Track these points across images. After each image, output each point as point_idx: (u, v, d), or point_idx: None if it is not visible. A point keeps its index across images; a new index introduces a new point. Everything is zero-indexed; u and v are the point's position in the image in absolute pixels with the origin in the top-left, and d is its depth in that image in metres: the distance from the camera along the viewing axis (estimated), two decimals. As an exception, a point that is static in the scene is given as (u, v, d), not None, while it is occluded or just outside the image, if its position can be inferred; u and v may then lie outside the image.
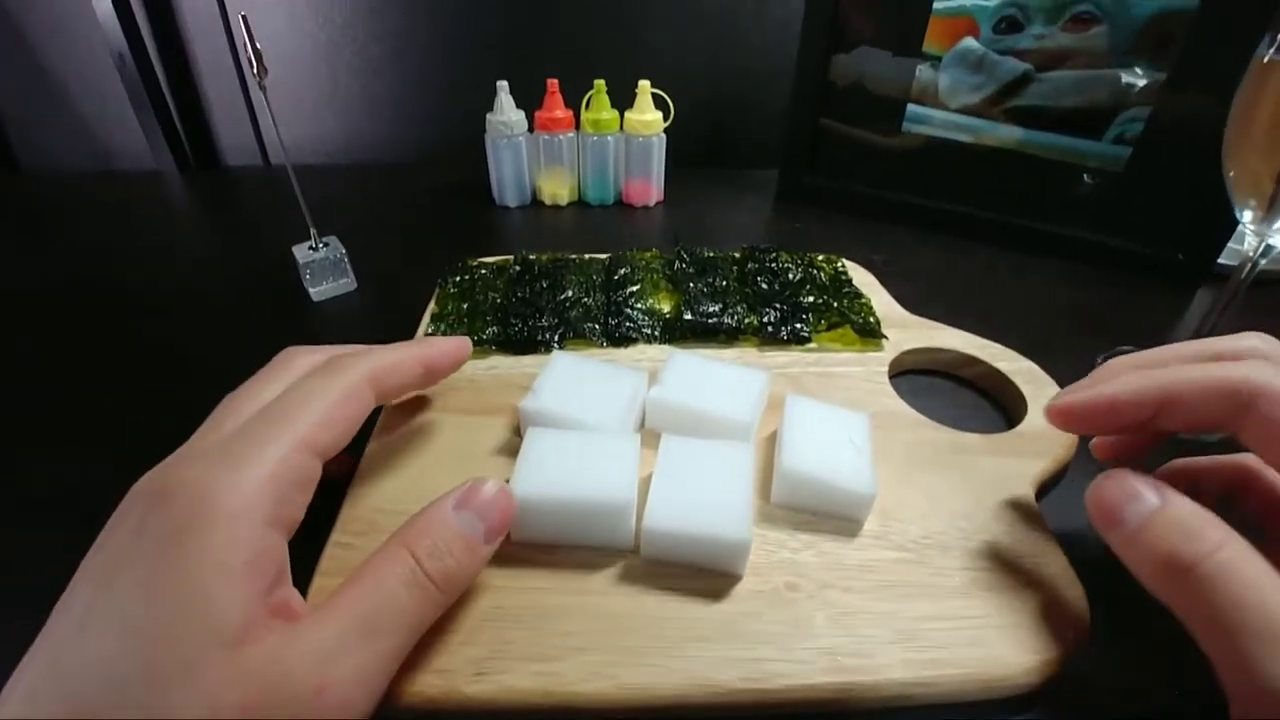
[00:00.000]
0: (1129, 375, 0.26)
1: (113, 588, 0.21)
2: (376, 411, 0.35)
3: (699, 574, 0.29)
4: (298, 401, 0.27)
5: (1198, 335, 0.44)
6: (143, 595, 0.20)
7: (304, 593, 0.29)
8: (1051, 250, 0.61)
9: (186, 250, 0.65)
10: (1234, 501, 0.26)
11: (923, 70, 0.61)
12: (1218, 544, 0.21)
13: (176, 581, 0.20)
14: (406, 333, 0.46)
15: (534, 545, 0.31)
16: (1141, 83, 0.54)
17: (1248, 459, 0.25)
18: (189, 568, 0.21)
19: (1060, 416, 0.27)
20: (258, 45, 0.44)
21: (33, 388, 0.44)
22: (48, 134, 0.85)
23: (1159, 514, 0.23)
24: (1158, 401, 0.25)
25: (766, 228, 0.66)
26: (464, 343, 0.35)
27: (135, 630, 0.20)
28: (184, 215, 0.74)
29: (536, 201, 0.69)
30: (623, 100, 0.64)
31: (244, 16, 0.43)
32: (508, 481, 0.29)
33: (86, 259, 0.61)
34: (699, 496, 0.29)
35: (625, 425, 0.35)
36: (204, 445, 0.25)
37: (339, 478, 0.33)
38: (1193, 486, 0.25)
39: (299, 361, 0.30)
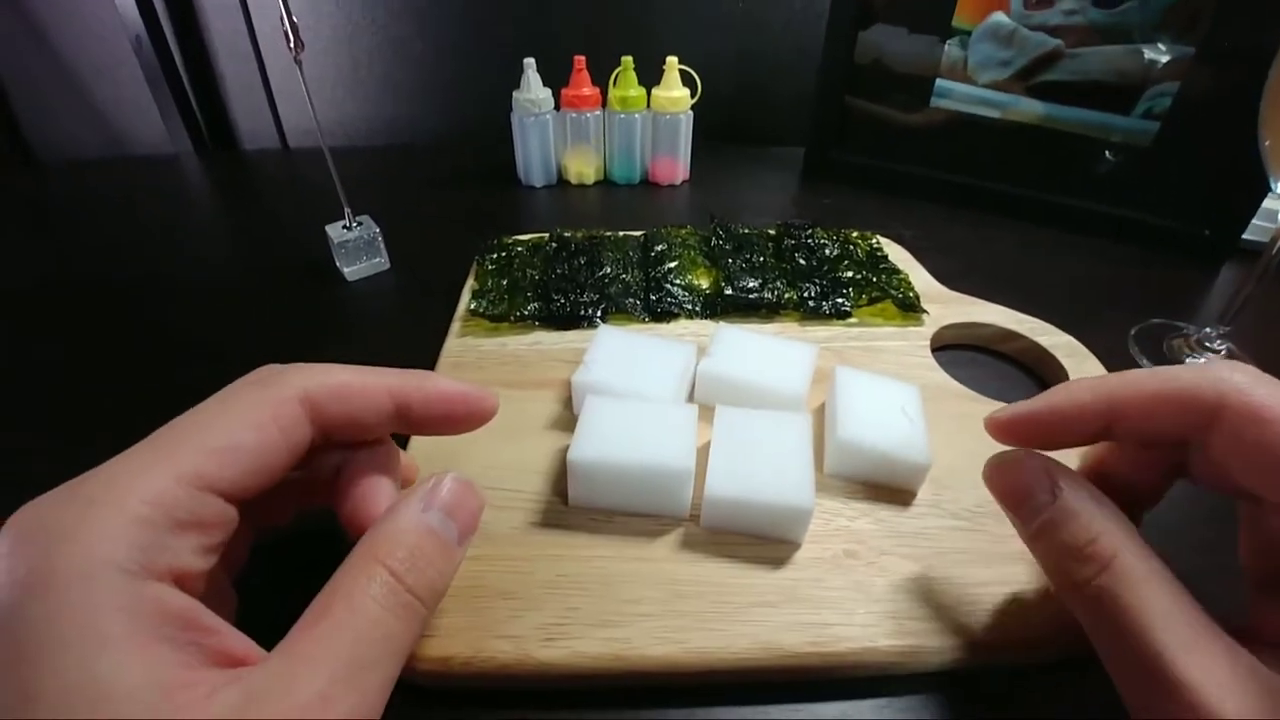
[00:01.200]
0: (1082, 385, 0.24)
1: None
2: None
3: (758, 542, 0.30)
4: (191, 424, 0.22)
5: (1232, 305, 0.44)
6: (4, 689, 0.16)
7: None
8: (1080, 225, 0.61)
9: (212, 234, 0.65)
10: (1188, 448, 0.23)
11: (951, 46, 0.60)
12: (1106, 561, 0.21)
13: (38, 662, 0.16)
14: (444, 308, 0.46)
15: (592, 513, 0.31)
16: (1169, 58, 0.54)
17: (1223, 394, 0.21)
18: (48, 642, 0.16)
19: (999, 429, 0.25)
20: (294, 19, 0.43)
21: (60, 380, 0.44)
22: (62, 123, 0.85)
23: (1053, 518, 0.22)
24: (1103, 410, 0.23)
25: (795, 205, 0.66)
26: (473, 396, 0.27)
27: None
28: (206, 199, 0.74)
29: (562, 181, 0.69)
30: (649, 78, 0.64)
31: (280, -10, 0.43)
32: (566, 450, 0.30)
33: (110, 247, 0.61)
34: (759, 465, 0.30)
35: (677, 397, 0.35)
36: (71, 481, 0.20)
37: (273, 528, 0.27)
38: (1148, 425, 0.23)
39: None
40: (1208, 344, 0.46)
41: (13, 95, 0.83)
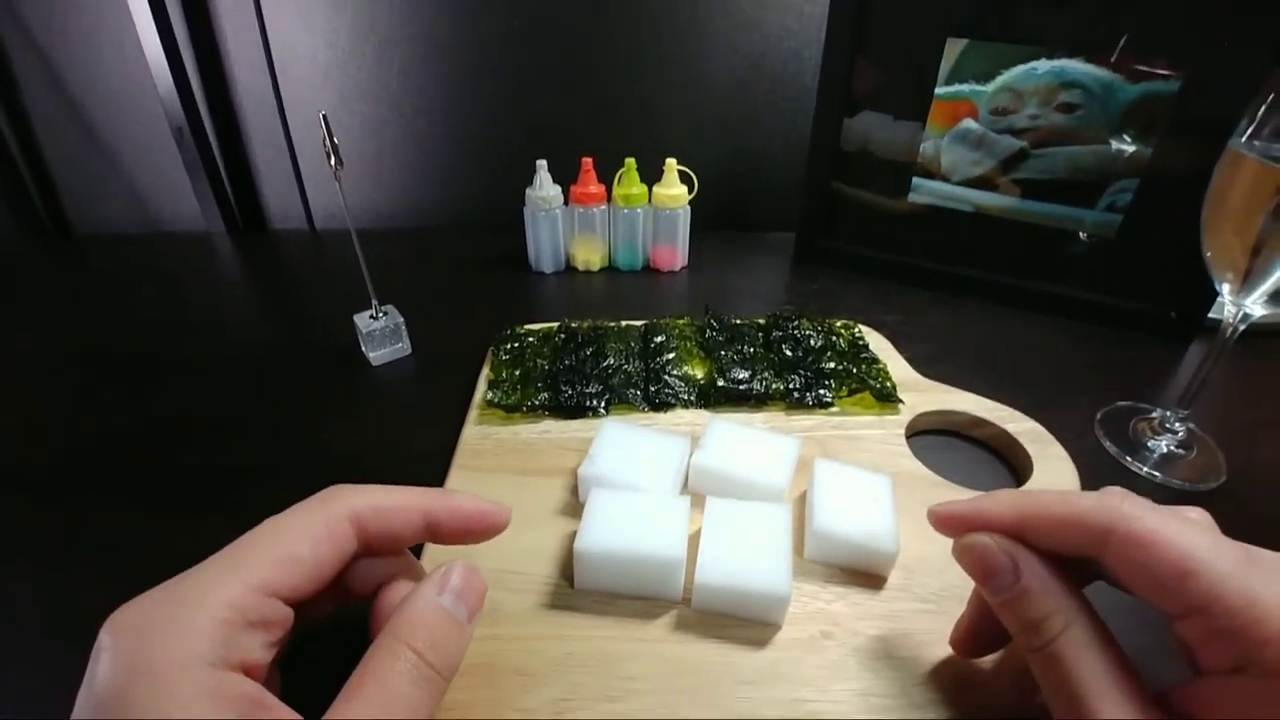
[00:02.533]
0: (1004, 496, 0.28)
1: None
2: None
3: (743, 624, 0.33)
4: (260, 538, 0.26)
5: (1190, 390, 0.47)
6: None
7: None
8: (1053, 309, 0.65)
9: (242, 314, 0.70)
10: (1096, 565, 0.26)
11: (927, 145, 0.66)
12: (1057, 632, 0.24)
13: None
14: (462, 391, 0.50)
15: (595, 595, 0.35)
16: (1130, 152, 0.59)
17: (1111, 520, 0.24)
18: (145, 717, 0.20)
19: (937, 521, 0.30)
20: (335, 140, 0.49)
21: (89, 452, 0.48)
22: (101, 200, 0.91)
23: (1015, 597, 0.26)
24: (1015, 522, 0.27)
25: (786, 288, 0.71)
26: (489, 513, 0.31)
27: None
28: (237, 278, 0.79)
29: (570, 267, 0.74)
30: (651, 175, 0.69)
31: (324, 115, 0.48)
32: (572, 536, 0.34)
33: (143, 322, 0.66)
34: (743, 553, 0.34)
35: (672, 488, 0.39)
36: (163, 585, 0.24)
37: (312, 620, 0.30)
38: (1053, 540, 0.27)
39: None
40: (1168, 426, 0.49)
41: (56, 172, 0.90)
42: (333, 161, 0.49)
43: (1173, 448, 0.48)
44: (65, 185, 0.91)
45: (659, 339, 0.53)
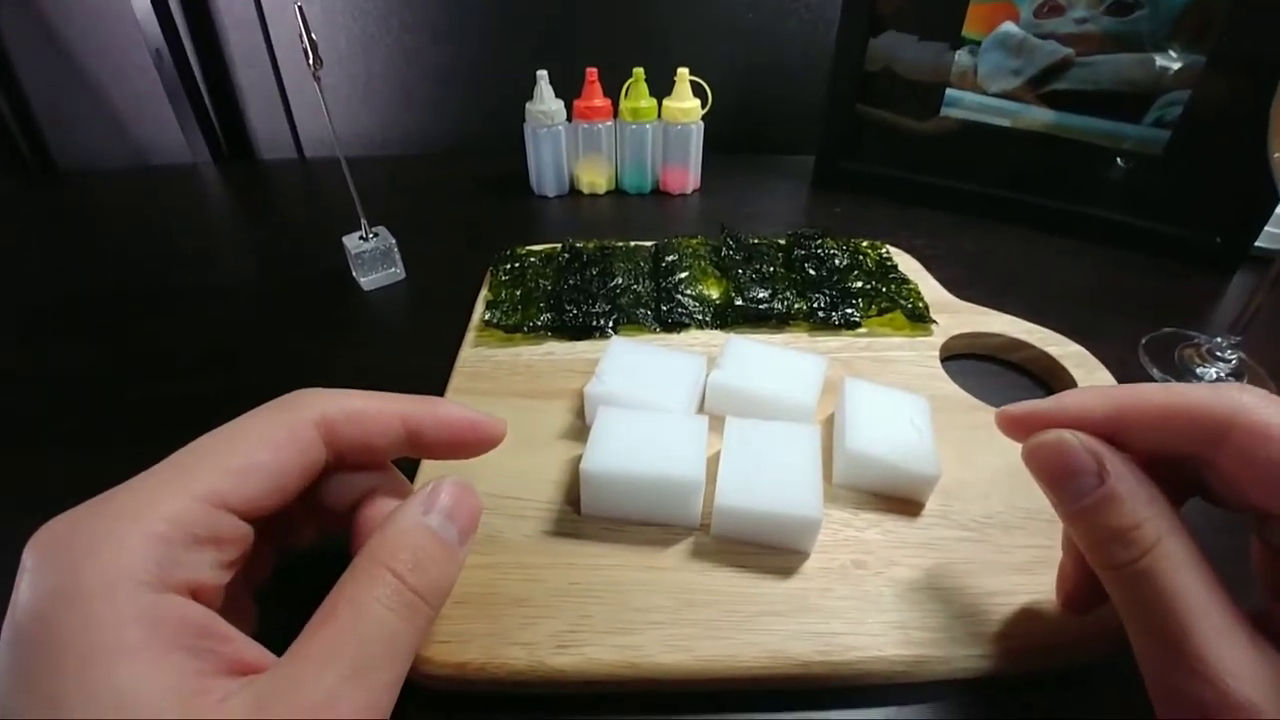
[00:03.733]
0: (1093, 391, 0.25)
1: (7, 693, 0.18)
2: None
3: (767, 551, 0.30)
4: (210, 445, 0.23)
5: (1243, 316, 0.44)
6: (30, 702, 0.17)
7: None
8: (1090, 233, 0.61)
9: (230, 244, 0.66)
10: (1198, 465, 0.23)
11: (961, 55, 0.61)
12: (1149, 545, 0.21)
13: (64, 673, 0.17)
14: (459, 318, 0.47)
15: (604, 522, 0.32)
16: (1180, 66, 0.54)
17: (1234, 411, 0.21)
18: (73, 652, 0.17)
19: (1010, 423, 0.26)
20: (313, 36, 0.44)
21: (79, 389, 0.45)
22: (83, 133, 0.87)
23: (1098, 502, 0.22)
24: (1112, 417, 0.23)
25: (805, 213, 0.66)
26: (481, 423, 0.27)
27: None
28: (224, 209, 0.75)
29: (574, 191, 0.70)
30: (661, 89, 0.64)
31: (300, 7, 0.44)
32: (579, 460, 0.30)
33: (129, 256, 0.62)
34: (768, 475, 0.30)
35: (687, 408, 0.35)
36: (95, 499, 0.21)
37: (295, 548, 0.28)
38: (1156, 439, 0.23)
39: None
40: (1218, 354, 0.46)
41: (35, 104, 0.85)
42: (310, 59, 0.45)
43: (1223, 376, 0.45)
44: (46, 119, 0.86)
45: (670, 258, 0.50)
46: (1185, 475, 0.23)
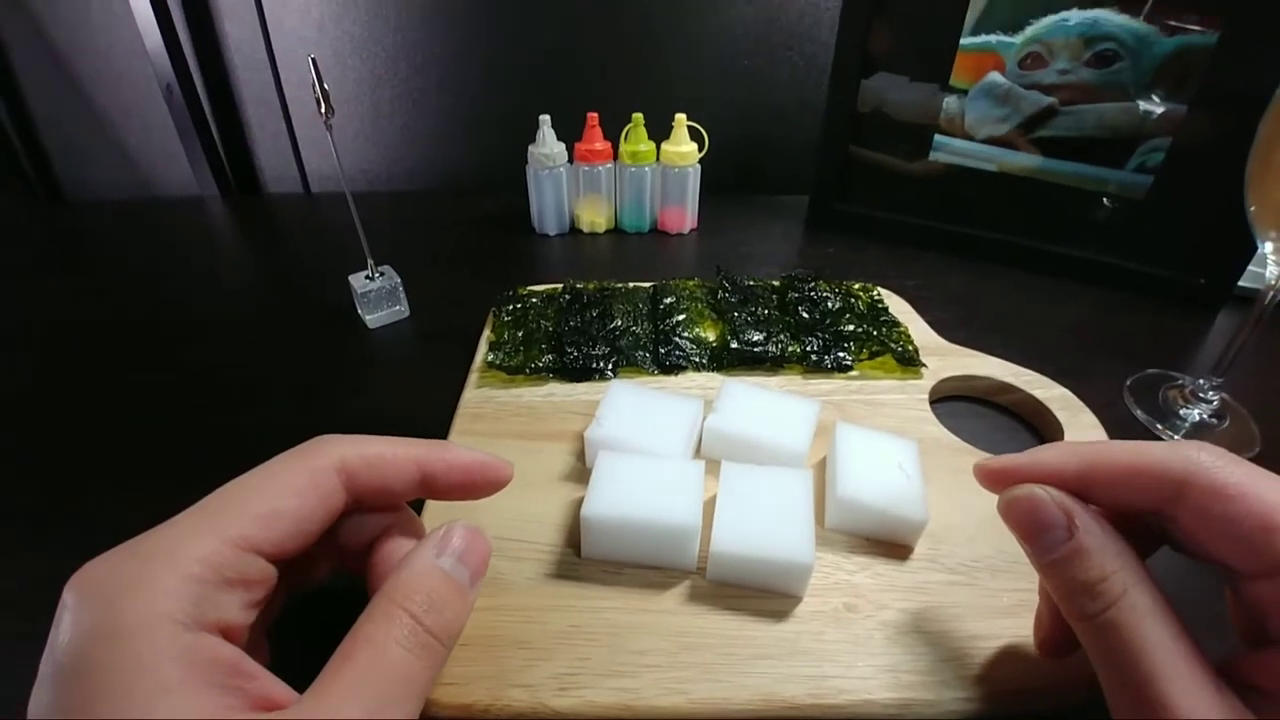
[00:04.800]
0: (1065, 447, 0.26)
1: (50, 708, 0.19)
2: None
3: (761, 595, 0.31)
4: (239, 491, 0.24)
5: (1225, 358, 0.45)
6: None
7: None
8: (1077, 274, 0.63)
9: (237, 278, 0.67)
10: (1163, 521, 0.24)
11: (949, 101, 0.63)
12: (1116, 597, 0.22)
13: (102, 705, 0.18)
14: (462, 356, 0.48)
15: (603, 565, 0.33)
16: (1162, 112, 0.56)
17: (1189, 471, 0.22)
18: (111, 687, 0.18)
19: (987, 477, 0.27)
20: (325, 86, 0.46)
21: (84, 418, 0.46)
22: (93, 164, 0.89)
23: (1068, 555, 0.23)
24: (1081, 473, 0.24)
25: (799, 253, 0.68)
26: (490, 465, 0.28)
27: None
28: (231, 243, 0.77)
29: (575, 229, 0.71)
30: (659, 132, 0.66)
31: (313, 59, 0.45)
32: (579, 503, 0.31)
33: (135, 288, 0.63)
34: (762, 521, 0.31)
35: (684, 452, 0.37)
36: (131, 541, 0.22)
37: (307, 585, 0.29)
38: (1120, 494, 0.24)
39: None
40: (1201, 395, 0.47)
41: (45, 135, 0.87)
42: (323, 109, 0.46)
43: (1205, 417, 0.46)
44: (55, 149, 0.89)
45: (668, 300, 0.51)
46: (1153, 528, 0.24)
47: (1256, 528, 0.21)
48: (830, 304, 0.51)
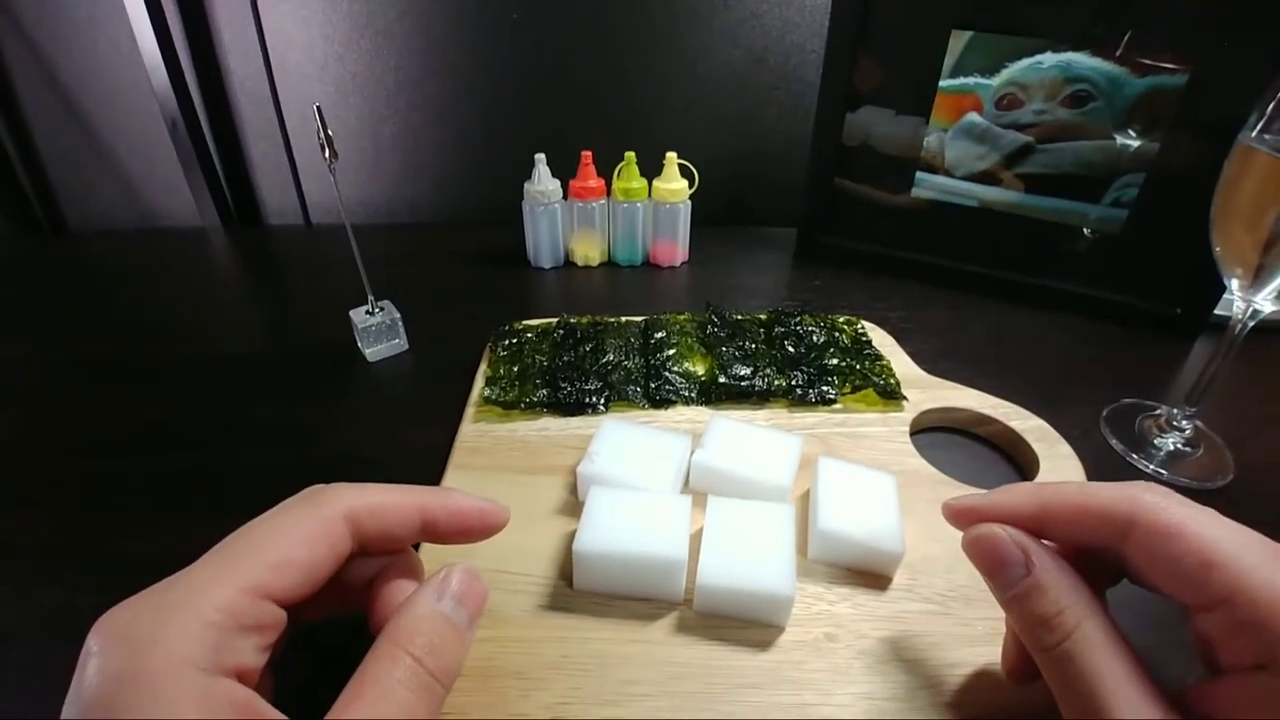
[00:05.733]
0: (1022, 489, 0.27)
1: None
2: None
3: (746, 625, 0.33)
4: (252, 539, 0.25)
5: (1197, 387, 0.47)
6: None
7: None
8: (1056, 305, 0.65)
9: (238, 311, 0.69)
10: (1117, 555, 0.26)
11: (930, 139, 0.65)
12: (1070, 630, 0.24)
13: None
14: (460, 389, 0.50)
15: (594, 597, 0.34)
16: (1135, 149, 0.58)
17: (1134, 511, 0.24)
18: None
19: (953, 515, 0.29)
20: (329, 132, 0.48)
21: (85, 450, 0.47)
22: (97, 196, 0.90)
23: (1026, 591, 0.25)
24: (1036, 514, 0.26)
25: (787, 286, 0.70)
26: (487, 511, 0.30)
27: None
28: (233, 274, 0.78)
29: (569, 262, 0.73)
30: (651, 170, 0.68)
31: (318, 107, 0.47)
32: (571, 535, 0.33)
33: (139, 320, 0.65)
34: (746, 554, 0.33)
35: (673, 487, 0.38)
36: (145, 591, 0.23)
37: (306, 622, 0.29)
38: (1073, 533, 0.26)
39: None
40: (1175, 424, 0.48)
41: (50, 167, 0.89)
42: (327, 154, 0.48)
43: (1179, 445, 0.48)
44: (60, 182, 0.90)
45: (659, 335, 0.53)
46: (1111, 562, 0.26)
47: (1196, 564, 0.22)
48: (815, 338, 0.53)
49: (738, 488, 0.38)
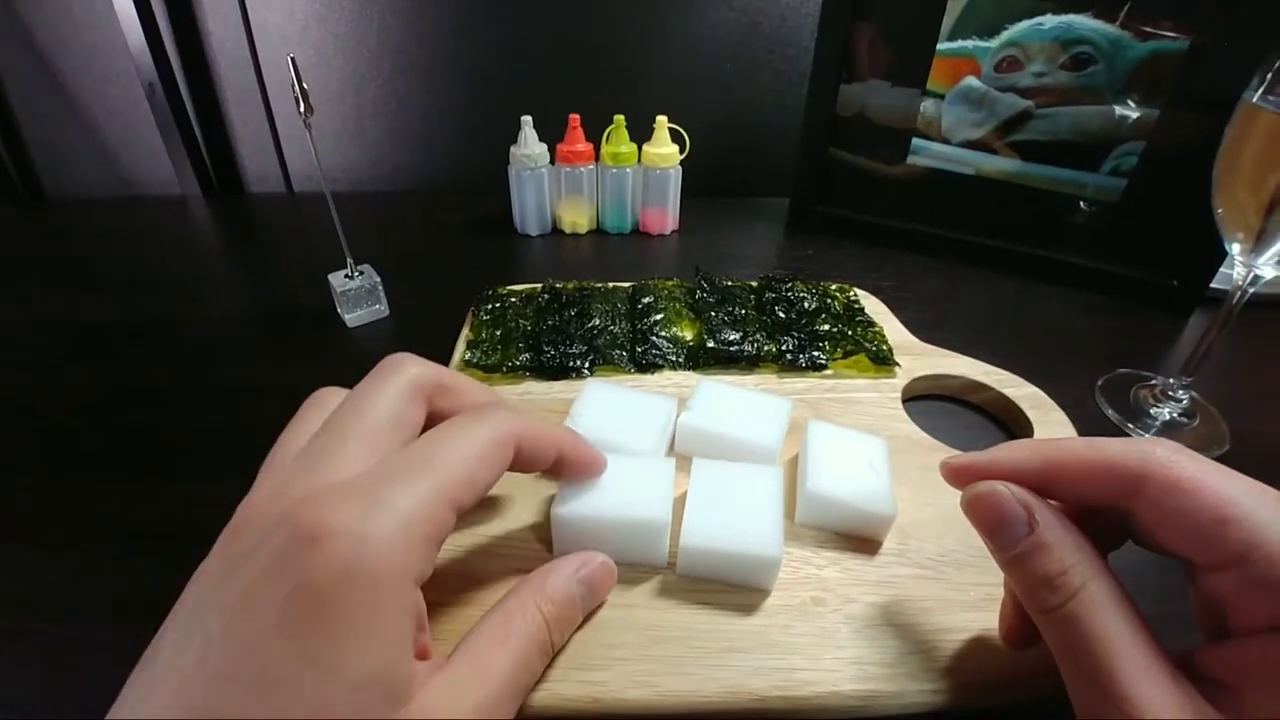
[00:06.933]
0: (1025, 444, 0.26)
1: (254, 640, 0.19)
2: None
3: (731, 589, 0.32)
4: (445, 449, 0.25)
5: (1194, 357, 0.46)
6: (299, 660, 0.19)
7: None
8: (1051, 276, 0.64)
9: (218, 277, 0.67)
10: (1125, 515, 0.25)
11: (926, 105, 0.64)
12: (1075, 590, 0.22)
13: (339, 648, 0.20)
14: (441, 357, 0.48)
15: (575, 562, 0.33)
16: (1135, 117, 0.57)
17: (1146, 465, 0.23)
18: (354, 630, 0.20)
19: (951, 474, 0.27)
20: (304, 85, 0.46)
21: (66, 416, 0.46)
22: (75, 163, 0.88)
23: (1028, 550, 0.24)
24: (1040, 471, 0.25)
25: (778, 255, 0.68)
26: (599, 465, 0.32)
27: (294, 699, 0.19)
28: (213, 242, 0.77)
29: (556, 230, 0.72)
30: (641, 134, 0.67)
31: (292, 58, 0.45)
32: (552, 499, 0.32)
33: (118, 287, 0.63)
34: (732, 516, 0.32)
35: (658, 449, 0.37)
36: (345, 483, 0.23)
37: None
38: (1079, 490, 0.25)
39: (334, 402, 0.28)
40: (1171, 394, 0.48)
41: (27, 133, 0.87)
42: (302, 108, 0.46)
43: (1176, 415, 0.47)
44: (37, 147, 0.88)
45: (647, 300, 0.51)
46: (1115, 522, 0.25)
47: (1210, 520, 0.21)
48: (807, 304, 0.51)
49: (725, 450, 0.37)
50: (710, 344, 0.46)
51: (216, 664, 0.19)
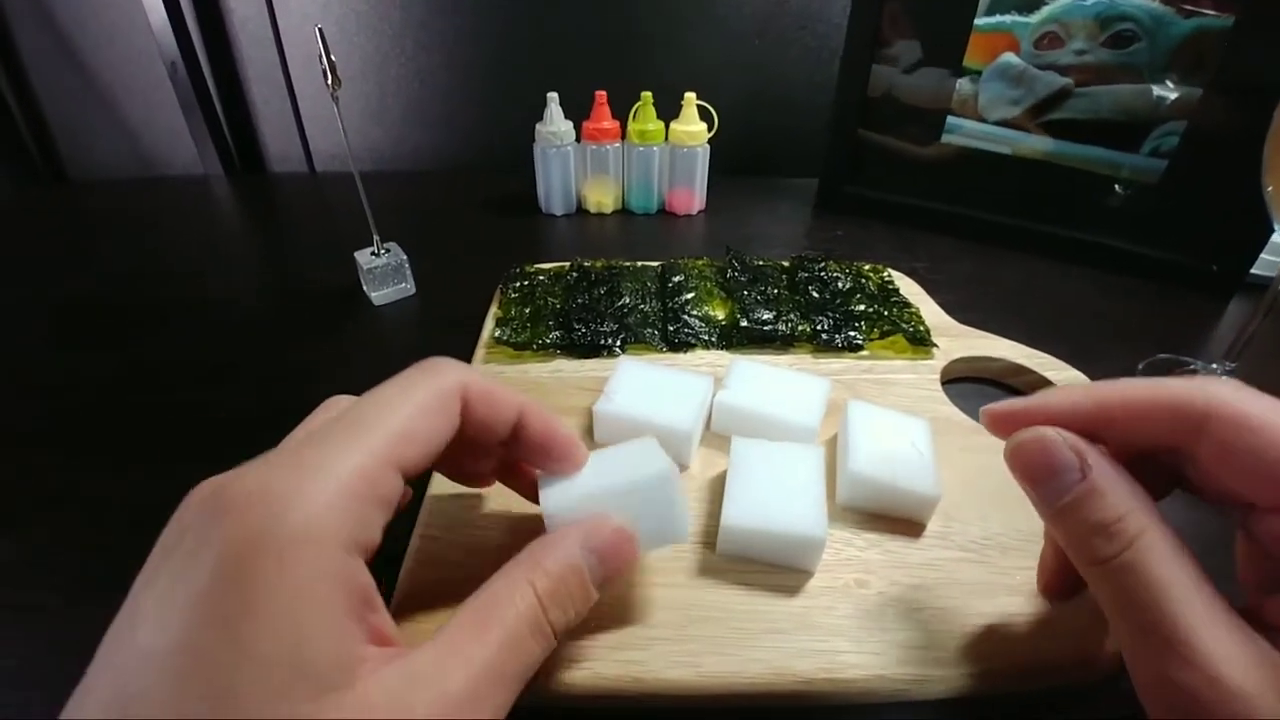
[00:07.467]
0: (1076, 388, 0.25)
1: (174, 622, 0.17)
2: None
3: (772, 570, 0.31)
4: (378, 407, 0.23)
5: (1237, 342, 0.45)
6: (215, 639, 0.17)
7: (392, 584, 0.30)
8: (1088, 259, 0.62)
9: (242, 257, 0.67)
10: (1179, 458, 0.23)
11: (962, 83, 0.62)
12: (1133, 538, 0.21)
13: (253, 622, 0.17)
14: (469, 335, 0.48)
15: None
16: (1177, 96, 0.55)
17: (1210, 403, 0.21)
18: (268, 600, 0.18)
19: (995, 421, 0.26)
20: (332, 58, 0.45)
21: (88, 396, 0.46)
22: (97, 143, 0.88)
23: (1081, 496, 0.22)
24: (1094, 412, 0.23)
25: (807, 236, 0.67)
26: (573, 445, 0.28)
27: (215, 681, 0.17)
28: (236, 222, 0.76)
29: (581, 210, 0.71)
30: (668, 112, 0.66)
31: (320, 30, 0.45)
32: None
33: (141, 266, 0.63)
34: (773, 495, 0.31)
35: (694, 427, 0.36)
36: (269, 453, 0.21)
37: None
38: (1138, 431, 0.23)
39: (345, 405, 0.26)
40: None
41: (49, 113, 0.86)
42: (329, 80, 0.46)
43: (1218, 402, 0.46)
44: (59, 128, 0.88)
45: (677, 279, 0.50)
46: (1166, 469, 0.24)
47: (1279, 458, 0.20)
48: (841, 284, 0.50)
49: (763, 429, 0.36)
50: (744, 323, 0.46)
51: (144, 649, 0.18)
